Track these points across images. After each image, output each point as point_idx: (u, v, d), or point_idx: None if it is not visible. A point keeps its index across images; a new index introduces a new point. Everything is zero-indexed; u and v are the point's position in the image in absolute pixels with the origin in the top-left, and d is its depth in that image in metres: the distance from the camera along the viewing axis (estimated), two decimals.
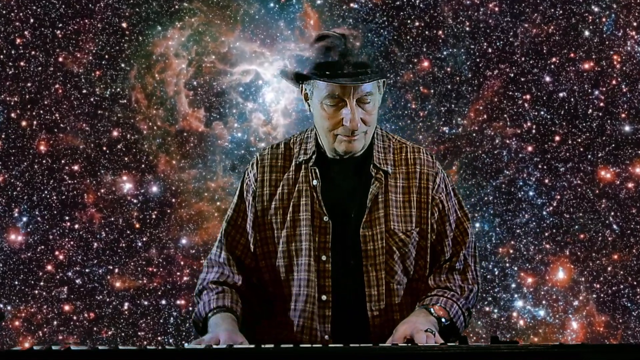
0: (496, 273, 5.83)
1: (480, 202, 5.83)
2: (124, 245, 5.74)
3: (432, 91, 5.91)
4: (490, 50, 5.85)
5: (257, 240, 2.21)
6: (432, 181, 2.22)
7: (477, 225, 5.76)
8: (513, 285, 5.82)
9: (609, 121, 5.75)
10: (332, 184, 2.21)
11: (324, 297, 2.17)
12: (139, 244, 5.78)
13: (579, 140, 5.77)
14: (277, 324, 2.21)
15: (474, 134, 5.87)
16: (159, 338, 5.18)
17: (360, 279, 2.17)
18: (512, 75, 5.79)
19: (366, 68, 2.09)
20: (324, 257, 2.18)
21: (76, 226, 5.68)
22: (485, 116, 5.89)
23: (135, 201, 5.83)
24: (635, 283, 5.47)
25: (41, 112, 5.70)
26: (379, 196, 2.18)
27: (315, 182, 2.20)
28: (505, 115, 5.87)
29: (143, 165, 5.87)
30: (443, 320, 2.09)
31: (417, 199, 2.21)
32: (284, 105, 6.14)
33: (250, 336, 2.07)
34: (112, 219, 5.75)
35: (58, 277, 5.64)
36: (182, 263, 5.82)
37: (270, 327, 2.23)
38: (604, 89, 5.78)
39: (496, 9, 5.62)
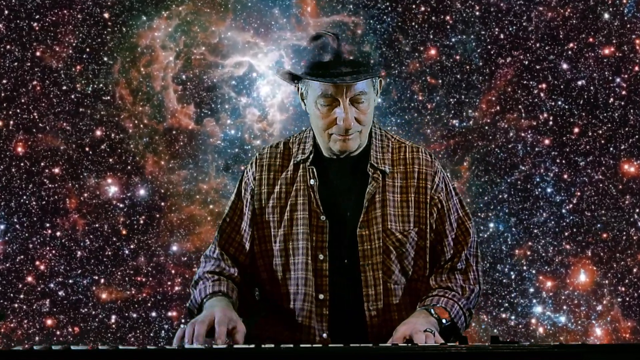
0: (513, 277, 5.57)
1: (494, 200, 5.58)
2: (109, 253, 5.52)
3: (440, 82, 5.66)
4: (502, 36, 5.62)
5: (255, 239, 2.32)
6: (430, 181, 2.29)
7: (491, 225, 5.55)
8: (531, 290, 5.55)
9: (632, 111, 5.51)
10: (329, 184, 2.29)
11: (321, 296, 2.24)
12: (126, 252, 5.55)
13: (600, 131, 5.55)
14: (275, 323, 2.31)
15: (487, 127, 5.66)
16: None
17: (358, 278, 2.23)
18: (526, 62, 5.56)
19: (359, 67, 2.17)
20: (321, 256, 2.25)
21: (58, 234, 5.45)
22: (498, 107, 5.63)
23: (121, 206, 5.57)
24: None
25: (18, 111, 5.52)
26: (376, 196, 2.26)
27: (312, 181, 2.29)
28: (519, 106, 5.63)
29: (129, 167, 5.62)
30: (444, 321, 2.15)
31: (416, 199, 2.28)
32: (280, 99, 5.85)
33: (248, 334, 2.14)
34: (97, 225, 5.53)
35: (39, 289, 5.38)
36: (173, 272, 5.57)
37: (268, 325, 2.32)
38: (626, 75, 5.51)
39: None
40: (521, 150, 5.53)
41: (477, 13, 5.40)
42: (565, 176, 5.45)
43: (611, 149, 5.39)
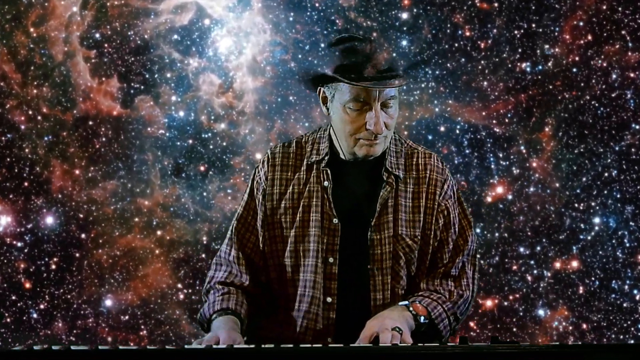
0: (638, 298, 4.46)
1: (597, 181, 4.52)
2: (9, 320, 4.45)
3: (495, 5, 4.57)
4: None
5: (266, 239, 2.75)
6: (439, 187, 2.74)
7: (596, 220, 4.55)
8: None
9: None
10: (343, 186, 2.73)
11: (329, 299, 2.66)
12: (34, 316, 4.49)
13: None
14: (280, 323, 2.73)
15: (574, 69, 4.57)
16: None
17: (366, 282, 2.66)
18: None
19: (392, 71, 2.57)
20: (331, 259, 2.65)
21: None
22: (589, 37, 4.56)
23: (19, 245, 4.56)
24: None
25: None
26: (389, 200, 2.71)
27: (326, 183, 2.72)
28: (622, 32, 4.52)
29: (26, 183, 4.60)
30: (422, 318, 2.55)
31: (425, 204, 2.72)
32: (250, 56, 4.70)
33: (254, 334, 2.71)
34: None
35: None
36: (109, 340, 4.57)
37: (273, 325, 2.75)
38: None
39: None
40: (632, 99, 4.52)
41: None
42: None
43: None
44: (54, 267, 4.54)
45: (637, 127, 4.55)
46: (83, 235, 4.59)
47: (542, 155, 4.66)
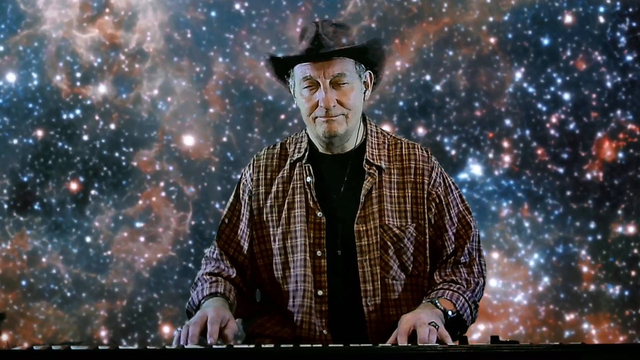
0: None
1: None
2: None
3: None
4: None
5: (254, 239, 3.35)
6: (427, 176, 3.28)
7: None
8: None
9: None
10: (325, 181, 3.32)
11: (320, 292, 3.22)
12: None
13: None
14: (276, 321, 3.27)
15: None
16: None
17: (355, 274, 3.24)
18: None
19: (329, 46, 3.12)
20: (318, 253, 3.21)
21: None
22: None
23: None
24: None
25: None
26: (373, 191, 3.29)
27: (309, 179, 3.29)
28: None
29: None
30: (450, 312, 3.11)
31: (413, 194, 3.24)
32: None
33: (249, 334, 3.34)
34: None
35: None
36: None
37: (268, 324, 3.24)
38: None
39: None
40: None
41: None
42: None
43: None
44: None
45: None
46: None
47: None
